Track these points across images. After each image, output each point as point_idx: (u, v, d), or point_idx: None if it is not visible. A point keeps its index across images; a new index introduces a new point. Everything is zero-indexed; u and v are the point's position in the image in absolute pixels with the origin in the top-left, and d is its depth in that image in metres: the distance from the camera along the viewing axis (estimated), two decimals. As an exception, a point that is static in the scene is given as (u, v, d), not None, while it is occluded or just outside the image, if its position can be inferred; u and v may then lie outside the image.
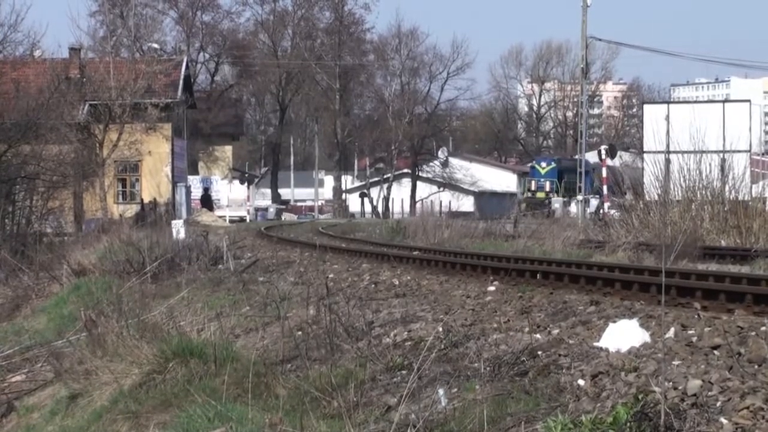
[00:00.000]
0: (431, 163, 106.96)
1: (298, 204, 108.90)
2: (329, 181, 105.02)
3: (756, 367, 8.94)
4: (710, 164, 31.34)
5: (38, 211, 45.84)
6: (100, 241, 34.22)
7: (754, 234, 28.62)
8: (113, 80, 60.18)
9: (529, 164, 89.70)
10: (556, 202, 72.48)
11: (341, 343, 12.85)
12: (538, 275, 17.22)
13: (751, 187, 34.73)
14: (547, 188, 79.47)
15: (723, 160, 34.34)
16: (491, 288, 16.61)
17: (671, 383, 8.49)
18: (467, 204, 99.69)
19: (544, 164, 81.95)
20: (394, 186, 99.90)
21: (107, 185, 59.31)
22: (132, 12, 75.74)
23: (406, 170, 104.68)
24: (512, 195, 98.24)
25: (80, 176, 52.70)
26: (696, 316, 11.63)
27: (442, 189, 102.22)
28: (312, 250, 28.82)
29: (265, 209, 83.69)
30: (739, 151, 40.90)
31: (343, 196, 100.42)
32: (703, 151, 31.58)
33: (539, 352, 10.82)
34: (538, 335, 11.78)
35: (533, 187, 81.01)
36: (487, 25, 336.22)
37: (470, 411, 9.04)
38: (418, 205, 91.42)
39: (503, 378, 10.10)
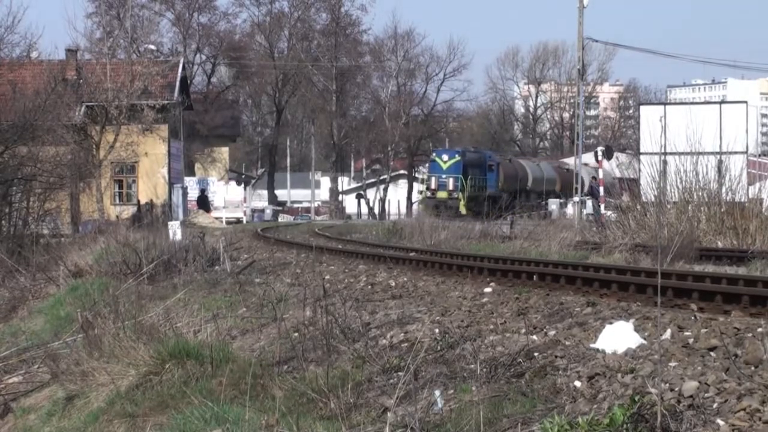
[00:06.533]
0: (427, 165, 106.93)
1: (295, 205, 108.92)
2: (326, 182, 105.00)
3: (752, 368, 8.94)
4: (707, 166, 31.31)
5: (35, 213, 45.82)
6: (97, 243, 34.22)
7: (750, 235, 28.59)
8: (110, 82, 60.13)
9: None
10: (553, 203, 71.66)
11: (338, 344, 12.84)
12: (534, 277, 17.22)
13: (747, 189, 34.73)
14: (450, 186, 66.87)
15: (720, 162, 34.32)
16: (488, 289, 16.59)
17: (668, 385, 8.50)
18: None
19: (445, 157, 69.17)
20: (391, 187, 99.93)
21: (104, 187, 59.22)
22: (129, 13, 75.52)
23: (402, 171, 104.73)
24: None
25: (77, 178, 52.65)
26: (692, 318, 11.63)
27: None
28: (308, 251, 28.80)
29: (262, 211, 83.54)
30: (735, 153, 40.92)
31: (340, 197, 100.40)
32: (699, 153, 31.55)
33: (536, 354, 10.83)
34: (534, 337, 11.78)
35: (433, 185, 67.89)
36: (483, 26, 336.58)
37: (466, 412, 9.04)
38: (414, 206, 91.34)
39: (500, 379, 10.10)
